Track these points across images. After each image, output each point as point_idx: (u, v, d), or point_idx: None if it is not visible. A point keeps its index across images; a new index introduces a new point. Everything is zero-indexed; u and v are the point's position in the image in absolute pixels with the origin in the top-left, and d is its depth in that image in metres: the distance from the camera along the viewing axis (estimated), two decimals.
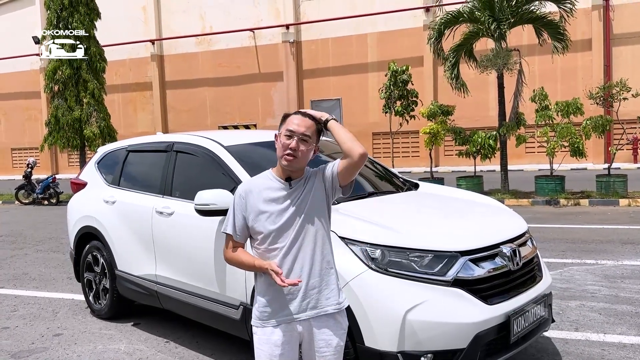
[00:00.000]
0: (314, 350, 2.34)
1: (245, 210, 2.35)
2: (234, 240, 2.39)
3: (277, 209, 2.32)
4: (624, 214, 10.37)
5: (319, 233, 2.36)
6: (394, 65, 14.92)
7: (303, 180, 2.38)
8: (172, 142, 4.64)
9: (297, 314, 2.31)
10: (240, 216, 2.36)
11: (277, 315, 2.31)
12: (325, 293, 2.35)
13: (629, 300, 5.08)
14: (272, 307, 2.32)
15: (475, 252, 3.15)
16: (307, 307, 2.32)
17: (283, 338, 2.30)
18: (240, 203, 2.36)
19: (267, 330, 2.32)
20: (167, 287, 4.35)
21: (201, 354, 4.25)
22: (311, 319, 2.32)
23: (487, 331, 3.00)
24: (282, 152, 2.30)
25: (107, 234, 4.98)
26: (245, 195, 2.36)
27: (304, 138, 2.29)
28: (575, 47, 19.96)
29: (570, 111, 12.20)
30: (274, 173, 2.39)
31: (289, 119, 2.34)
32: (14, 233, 11.03)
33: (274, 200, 2.33)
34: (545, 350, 4.04)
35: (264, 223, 2.32)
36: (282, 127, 2.35)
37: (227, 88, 26.89)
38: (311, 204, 2.34)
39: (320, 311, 2.33)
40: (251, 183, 2.42)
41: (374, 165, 4.88)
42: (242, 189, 2.40)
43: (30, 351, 4.48)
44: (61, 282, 6.74)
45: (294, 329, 2.32)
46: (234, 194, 2.42)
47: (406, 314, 2.90)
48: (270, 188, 2.35)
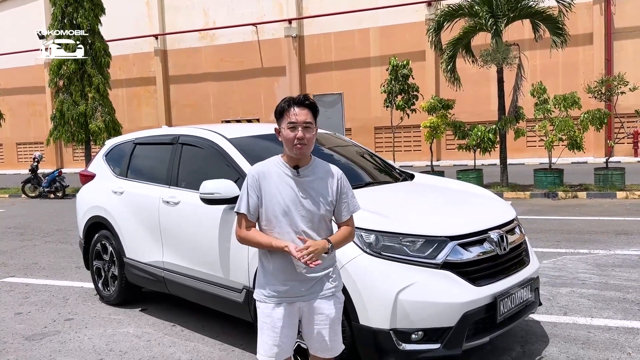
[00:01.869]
0: (313, 323, 2.52)
1: (259, 191, 2.48)
2: (247, 219, 2.50)
3: (286, 195, 2.46)
4: (620, 206, 10.54)
5: (324, 219, 2.51)
6: (395, 59, 15.07)
7: (310, 168, 2.52)
8: (178, 135, 4.84)
9: (299, 296, 2.49)
10: (254, 196, 2.48)
11: (280, 296, 2.48)
12: (326, 278, 2.54)
13: (617, 287, 5.27)
14: (276, 288, 2.48)
15: (464, 237, 3.35)
16: (310, 290, 2.49)
17: (284, 313, 2.48)
18: (254, 184, 2.49)
19: (269, 305, 2.50)
20: (173, 273, 4.56)
21: (207, 336, 4.47)
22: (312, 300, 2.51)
23: (474, 311, 3.20)
24: (290, 144, 2.44)
25: (115, 223, 5.19)
26: (258, 177, 2.49)
27: (306, 126, 2.45)
28: (577, 41, 20.05)
29: (568, 105, 12.34)
30: (282, 160, 2.53)
31: (286, 113, 2.46)
32: (22, 225, 11.27)
33: (284, 186, 2.47)
34: (534, 333, 4.24)
35: (273, 207, 2.46)
36: (282, 122, 2.48)
37: (230, 83, 27.05)
38: (317, 193, 2.48)
39: (322, 294, 2.52)
40: (264, 166, 2.53)
41: (372, 157, 5.07)
42: (256, 170, 2.52)
43: (43, 334, 4.71)
44: (70, 271, 6.97)
45: (294, 306, 2.50)
46: (247, 175, 2.54)
47: (398, 294, 3.10)
48: (280, 174, 2.49)
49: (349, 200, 2.57)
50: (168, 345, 4.32)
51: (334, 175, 2.55)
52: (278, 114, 2.50)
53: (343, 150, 4.90)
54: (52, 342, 4.51)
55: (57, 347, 4.39)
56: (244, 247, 3.75)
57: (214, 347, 4.23)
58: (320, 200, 2.49)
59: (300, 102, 2.47)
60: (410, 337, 3.12)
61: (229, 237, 3.91)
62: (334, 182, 2.54)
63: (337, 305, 2.56)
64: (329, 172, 2.56)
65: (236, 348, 4.19)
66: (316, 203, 2.48)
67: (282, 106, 2.48)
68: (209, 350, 4.19)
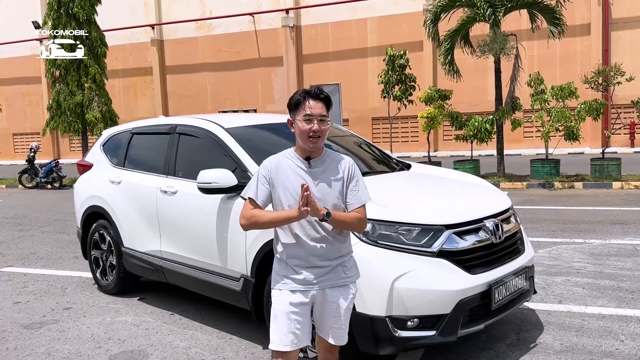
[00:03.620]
0: (326, 311, 2.54)
1: (271, 183, 2.51)
2: (255, 204, 2.49)
3: (290, 186, 2.49)
4: (616, 196, 10.60)
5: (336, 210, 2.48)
6: (392, 50, 15.04)
7: (321, 159, 2.54)
8: (175, 125, 4.85)
9: (313, 284, 2.50)
10: (265, 186, 2.51)
11: (296, 283, 2.49)
12: (341, 267, 2.55)
13: (612, 275, 5.32)
14: (290, 276, 2.50)
15: (460, 226, 3.38)
16: (324, 279, 2.51)
17: (298, 300, 2.49)
18: (267, 175, 2.52)
19: (284, 292, 2.50)
20: (171, 262, 4.59)
21: (205, 325, 4.51)
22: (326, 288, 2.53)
23: (469, 298, 3.24)
24: (305, 135, 2.46)
25: (113, 212, 5.21)
26: (271, 169, 2.52)
27: (322, 119, 2.47)
28: (574, 31, 20.05)
29: (564, 95, 12.36)
30: (293, 152, 2.56)
31: (302, 105, 2.47)
32: (19, 216, 11.28)
33: (295, 178, 2.49)
34: (529, 321, 4.28)
35: (287, 199, 2.48)
36: (296, 114, 2.49)
37: (227, 73, 26.98)
38: (328, 183, 2.50)
39: (335, 283, 2.53)
40: (277, 159, 2.57)
41: (369, 147, 5.09)
42: (270, 163, 2.55)
43: (41, 323, 4.74)
44: (68, 261, 6.99)
45: (309, 294, 2.51)
46: (261, 166, 2.56)
47: (394, 282, 3.13)
48: (292, 166, 2.52)
49: (360, 190, 2.55)
50: (166, 334, 4.35)
51: (345, 165, 2.56)
52: (293, 106, 2.51)
53: (340, 140, 4.91)
54: (50, 330, 4.54)
55: (56, 335, 4.43)
56: (242, 236, 3.79)
57: (212, 335, 4.27)
58: (331, 190, 2.50)
59: (316, 95, 2.49)
60: (406, 324, 3.15)
61: (226, 226, 3.94)
62: (344, 172, 2.55)
63: (349, 295, 2.57)
64: (340, 162, 2.57)
65: (234, 336, 4.23)
66: (327, 194, 2.50)
67: (298, 98, 2.50)
68: (207, 338, 4.22)
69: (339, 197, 2.51)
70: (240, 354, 3.89)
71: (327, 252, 2.50)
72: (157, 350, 4.03)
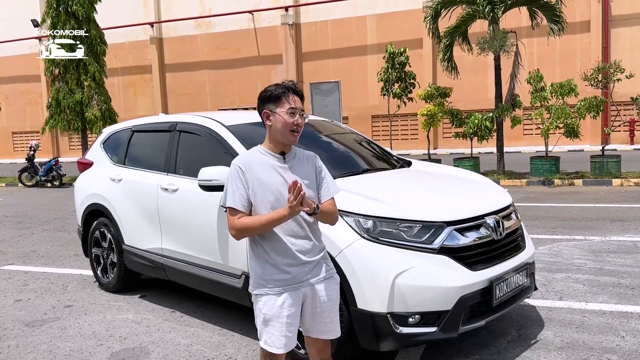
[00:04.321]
0: (318, 307, 2.53)
1: (246, 183, 2.44)
2: (236, 212, 2.44)
3: (276, 182, 2.45)
4: (616, 193, 10.61)
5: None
6: (391, 47, 15.02)
7: (292, 154, 2.54)
8: (176, 122, 4.85)
9: (303, 281, 2.49)
10: (241, 188, 2.44)
11: (285, 284, 2.46)
12: (324, 261, 2.57)
13: (612, 272, 5.33)
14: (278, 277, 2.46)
15: (461, 223, 3.38)
16: (312, 274, 2.51)
17: (289, 302, 2.46)
18: (240, 176, 2.45)
19: (272, 297, 2.46)
20: (172, 259, 4.59)
21: (206, 322, 4.51)
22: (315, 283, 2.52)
23: (470, 295, 3.24)
24: (288, 129, 2.44)
25: (114, 210, 5.21)
26: (244, 169, 2.46)
27: (302, 113, 2.49)
28: (574, 29, 20.03)
29: (564, 92, 12.36)
30: (265, 148, 2.52)
31: (285, 99, 2.45)
32: (19, 214, 11.28)
33: (271, 173, 2.46)
34: (530, 317, 4.29)
35: (266, 196, 2.44)
36: (278, 107, 2.45)
37: (226, 71, 26.94)
38: (302, 177, 2.48)
39: (322, 276, 2.54)
40: (247, 157, 2.51)
41: (369, 144, 5.09)
42: (241, 162, 2.49)
43: (43, 321, 4.74)
44: (69, 259, 6.99)
45: (299, 292, 2.49)
46: (231, 168, 2.49)
47: (395, 279, 3.13)
48: (265, 163, 2.48)
49: (329, 183, 2.59)
50: (167, 331, 4.36)
51: (313, 159, 2.60)
52: (274, 99, 2.46)
53: (340, 138, 4.91)
54: (52, 328, 4.55)
55: (57, 333, 4.43)
56: None
57: (213, 333, 4.28)
58: (307, 184, 2.49)
59: (296, 89, 2.50)
60: (407, 321, 3.16)
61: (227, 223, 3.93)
62: (313, 166, 2.58)
63: (335, 286, 2.60)
64: (308, 156, 2.60)
65: (235, 333, 4.23)
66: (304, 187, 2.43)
67: (280, 92, 2.46)
68: (209, 335, 4.23)
69: (312, 190, 2.52)
70: (241, 351, 3.90)
71: (312, 247, 2.52)
72: (159, 348, 4.04)
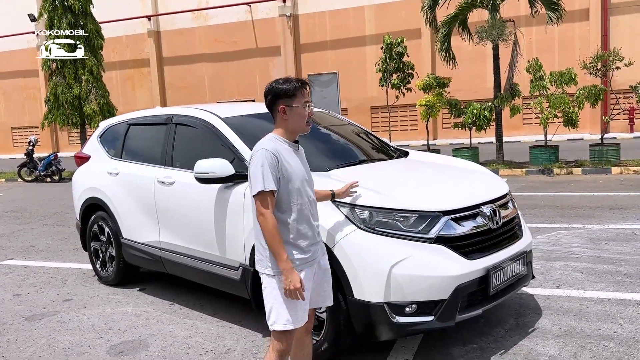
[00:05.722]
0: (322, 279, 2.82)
1: (278, 168, 2.59)
2: (272, 196, 2.56)
3: (301, 168, 2.69)
4: (615, 181, 10.60)
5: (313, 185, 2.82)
6: (389, 37, 14.94)
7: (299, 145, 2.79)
8: (172, 115, 4.83)
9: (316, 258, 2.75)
10: (275, 173, 2.57)
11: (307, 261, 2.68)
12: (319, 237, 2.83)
13: (610, 260, 5.34)
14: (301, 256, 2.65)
15: (457, 212, 3.37)
16: (321, 251, 2.81)
17: (309, 276, 2.69)
18: (274, 161, 2.57)
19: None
20: (170, 252, 4.60)
21: (204, 314, 4.53)
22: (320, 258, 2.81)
23: (467, 284, 3.24)
24: (304, 120, 2.69)
25: (111, 204, 5.21)
26: (276, 155, 2.60)
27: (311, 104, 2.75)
28: (573, 17, 19.93)
29: (564, 81, 12.32)
30: (282, 137, 2.69)
31: (301, 92, 2.66)
32: (19, 209, 11.28)
33: (295, 160, 2.68)
34: (527, 306, 4.30)
35: (296, 179, 2.64)
36: (294, 101, 2.64)
37: (224, 64, 26.84)
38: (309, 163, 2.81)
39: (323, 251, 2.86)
40: (274, 143, 2.65)
41: (366, 135, 5.08)
42: (273, 148, 2.60)
43: (42, 315, 4.75)
44: (68, 253, 7.00)
45: (314, 268, 2.75)
46: (264, 154, 2.57)
47: (391, 269, 3.13)
48: (287, 150, 2.68)
49: None
50: (167, 323, 4.37)
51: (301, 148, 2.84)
52: (291, 93, 2.64)
53: (337, 129, 4.89)
54: (51, 322, 4.56)
55: (57, 326, 4.45)
56: (240, 226, 3.79)
57: (212, 324, 4.29)
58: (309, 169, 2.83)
59: (306, 82, 2.73)
60: (404, 310, 3.16)
61: (224, 215, 3.94)
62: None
63: (326, 256, 2.91)
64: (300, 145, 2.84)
65: (234, 324, 4.24)
66: (310, 172, 2.81)
67: (296, 86, 2.66)
68: (207, 327, 4.24)
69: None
70: (240, 342, 3.91)
71: (319, 227, 2.82)
72: (158, 340, 4.05)
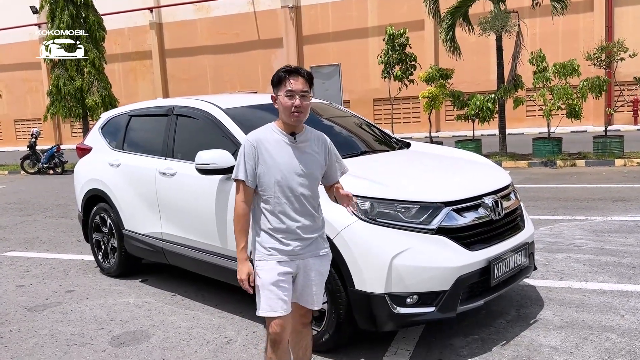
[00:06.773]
0: (309, 280, 2.64)
1: (257, 158, 2.54)
2: (245, 185, 2.56)
3: (285, 160, 2.54)
4: (618, 173, 10.56)
5: (316, 182, 2.64)
6: (391, 28, 14.86)
7: (304, 135, 2.63)
8: (173, 106, 4.82)
9: (299, 255, 2.58)
10: (251, 163, 2.54)
11: (282, 254, 2.56)
12: (320, 239, 2.66)
13: (613, 252, 5.32)
14: (277, 246, 2.56)
15: (459, 203, 3.36)
16: (307, 250, 2.61)
17: (285, 270, 2.57)
18: (252, 151, 2.54)
19: (271, 263, 2.57)
20: (172, 243, 4.60)
21: (206, 305, 4.53)
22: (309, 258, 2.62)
23: (468, 275, 3.23)
24: (288, 111, 2.52)
25: (113, 195, 5.21)
26: (256, 145, 2.55)
27: (303, 94, 2.53)
28: (577, 8, 19.77)
29: (567, 72, 12.24)
30: (277, 127, 2.61)
31: (284, 81, 2.53)
32: (22, 201, 11.31)
33: (282, 152, 2.55)
34: (529, 297, 4.29)
35: (273, 172, 2.53)
36: (279, 90, 2.55)
37: (226, 56, 26.78)
38: (312, 157, 2.61)
39: (316, 253, 2.64)
40: (260, 134, 2.60)
41: (368, 126, 5.06)
42: (253, 137, 2.57)
43: (45, 305, 4.77)
44: (70, 245, 7.02)
45: (294, 264, 2.60)
46: (244, 142, 2.57)
47: (393, 260, 3.13)
48: (277, 140, 2.57)
49: (339, 162, 2.77)
50: (168, 314, 4.38)
51: (323, 141, 2.71)
52: (276, 82, 2.58)
53: (339, 120, 4.88)
54: (53, 313, 4.58)
55: (59, 317, 4.46)
56: None
57: (213, 315, 4.30)
58: (315, 163, 2.62)
59: (297, 71, 2.56)
60: (405, 301, 3.15)
61: (225, 206, 3.93)
62: (324, 147, 2.69)
63: (328, 262, 2.73)
64: (318, 137, 2.69)
65: (235, 315, 4.25)
66: (312, 167, 2.60)
67: (280, 75, 2.56)
68: (209, 318, 4.25)
69: (321, 170, 2.66)
70: (241, 333, 3.92)
71: (311, 225, 2.61)
72: (159, 331, 4.06)
